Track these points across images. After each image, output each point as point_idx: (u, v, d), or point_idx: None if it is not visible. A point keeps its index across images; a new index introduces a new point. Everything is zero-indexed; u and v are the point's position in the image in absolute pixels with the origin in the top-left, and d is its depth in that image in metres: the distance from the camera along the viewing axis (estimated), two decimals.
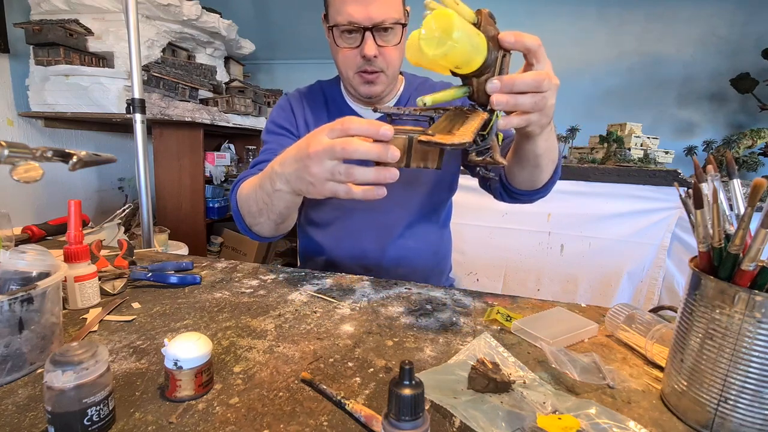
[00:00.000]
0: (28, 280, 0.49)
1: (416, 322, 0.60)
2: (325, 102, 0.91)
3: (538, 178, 0.71)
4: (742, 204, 0.40)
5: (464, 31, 0.42)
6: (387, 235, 0.89)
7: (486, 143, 0.53)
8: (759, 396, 0.35)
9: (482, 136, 0.52)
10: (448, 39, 0.42)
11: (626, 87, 2.63)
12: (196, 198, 2.23)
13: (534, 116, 0.50)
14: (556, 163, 0.71)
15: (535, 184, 0.73)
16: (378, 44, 0.75)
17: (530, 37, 0.48)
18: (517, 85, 0.47)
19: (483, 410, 0.39)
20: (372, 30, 0.73)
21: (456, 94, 0.52)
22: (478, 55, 0.46)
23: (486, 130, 0.52)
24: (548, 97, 0.49)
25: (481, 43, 0.46)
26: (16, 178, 0.41)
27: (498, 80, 0.46)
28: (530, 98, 0.47)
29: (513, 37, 0.47)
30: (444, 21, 0.42)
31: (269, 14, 2.89)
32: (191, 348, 0.39)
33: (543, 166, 0.68)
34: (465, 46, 0.43)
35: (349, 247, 0.90)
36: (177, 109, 2.04)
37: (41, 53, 1.86)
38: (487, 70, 0.48)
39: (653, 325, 0.52)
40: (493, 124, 0.52)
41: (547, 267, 1.83)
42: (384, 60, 0.77)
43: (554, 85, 0.49)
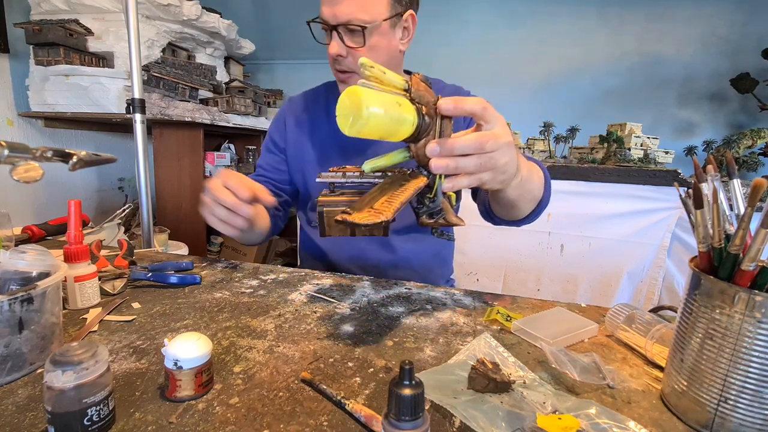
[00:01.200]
0: (28, 280, 0.49)
1: (416, 322, 0.60)
2: (327, 105, 0.91)
3: (517, 215, 0.70)
4: (742, 204, 0.40)
5: (378, 106, 0.41)
6: (386, 238, 0.89)
7: (436, 205, 0.51)
8: (759, 396, 0.35)
9: (431, 199, 0.51)
10: (359, 117, 0.41)
11: (626, 87, 2.63)
12: (196, 198, 2.23)
13: (485, 176, 0.48)
14: (538, 200, 0.69)
15: (514, 218, 0.72)
16: (348, 45, 0.74)
17: (472, 101, 0.46)
18: (457, 148, 0.45)
19: (483, 410, 0.39)
20: (337, 29, 0.73)
21: (396, 159, 0.51)
22: (402, 126, 0.45)
23: (432, 193, 0.51)
24: (497, 157, 0.46)
25: (404, 112, 0.44)
26: (16, 178, 0.41)
27: (437, 144, 0.44)
28: (474, 160, 0.46)
29: (452, 103, 0.45)
30: (354, 99, 0.41)
31: (269, 14, 2.89)
32: (191, 348, 0.39)
33: (520, 207, 0.66)
34: (380, 120, 0.42)
35: (348, 248, 0.90)
36: (177, 109, 2.04)
37: (41, 53, 1.86)
38: (425, 134, 0.47)
39: (653, 325, 0.52)
40: (437, 188, 0.50)
41: (547, 267, 1.83)
42: (354, 61, 0.76)
43: (503, 143, 0.46)
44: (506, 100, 2.74)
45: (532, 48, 2.73)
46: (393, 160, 0.51)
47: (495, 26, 2.77)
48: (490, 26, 2.78)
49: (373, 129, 0.42)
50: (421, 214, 0.53)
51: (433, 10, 2.79)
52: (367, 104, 0.40)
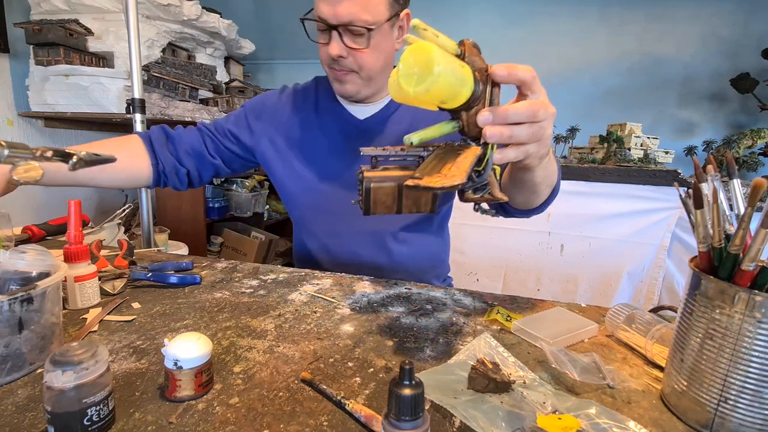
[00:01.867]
0: (28, 280, 0.49)
1: (416, 322, 0.60)
2: (316, 101, 0.89)
3: (534, 201, 0.69)
4: (742, 204, 0.40)
5: (446, 65, 0.40)
6: (380, 240, 0.88)
7: (482, 179, 0.49)
8: (759, 396, 0.35)
9: (478, 173, 0.49)
10: (429, 74, 0.39)
11: (626, 87, 2.63)
12: (196, 198, 2.23)
13: (532, 147, 0.47)
14: (554, 185, 0.69)
15: (531, 205, 0.71)
16: (348, 45, 0.72)
17: (524, 68, 0.45)
18: (511, 116, 0.44)
19: (483, 410, 0.39)
20: (338, 29, 0.71)
21: (444, 129, 0.49)
22: (463, 88, 0.43)
23: (481, 165, 0.48)
24: (545, 127, 0.46)
25: (465, 75, 0.43)
26: (16, 178, 0.41)
27: (490, 112, 0.44)
28: (527, 129, 0.45)
29: (505, 70, 0.44)
30: (423, 55, 0.39)
31: (269, 14, 2.89)
32: (191, 348, 0.39)
33: (540, 192, 0.66)
34: (448, 79, 0.40)
35: (340, 251, 0.89)
36: (177, 109, 2.04)
37: (41, 53, 1.86)
38: (476, 102, 0.45)
39: (653, 325, 0.52)
40: (489, 159, 0.48)
41: (547, 267, 1.83)
42: (356, 61, 0.74)
43: (551, 114, 0.46)
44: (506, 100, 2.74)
45: (532, 48, 2.73)
46: (442, 130, 0.48)
47: (495, 26, 2.77)
48: (490, 26, 2.78)
49: (440, 89, 0.40)
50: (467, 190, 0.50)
51: (433, 10, 2.79)
52: (438, 61, 0.38)
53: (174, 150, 0.86)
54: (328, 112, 0.88)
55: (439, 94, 0.41)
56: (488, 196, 0.50)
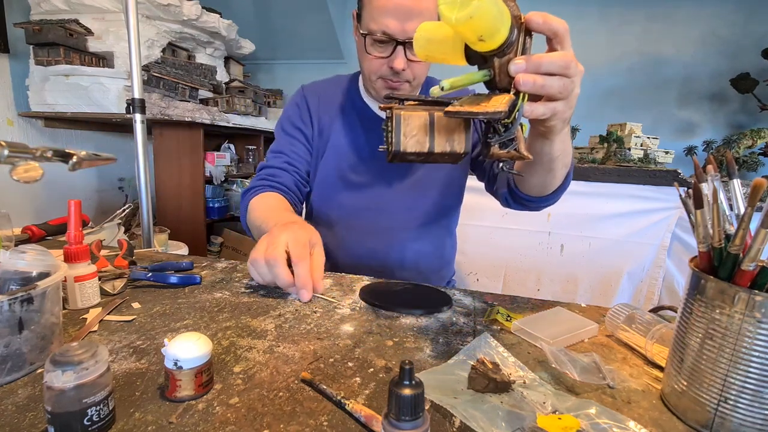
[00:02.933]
0: (28, 280, 0.49)
1: (416, 322, 0.60)
2: (342, 99, 0.91)
3: (550, 183, 0.69)
4: (742, 204, 0.40)
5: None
6: (393, 237, 0.89)
7: (510, 133, 0.47)
8: (759, 396, 0.35)
9: (505, 126, 0.47)
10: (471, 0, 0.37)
11: (626, 87, 2.63)
12: (196, 198, 2.24)
13: (560, 105, 0.46)
14: (568, 168, 0.69)
15: (545, 189, 0.71)
16: (408, 58, 0.75)
17: (558, 20, 0.45)
18: (544, 65, 0.43)
19: (483, 410, 0.39)
20: (404, 44, 0.73)
21: (475, 77, 0.47)
22: (503, 26, 0.41)
23: (510, 118, 0.46)
24: (575, 83, 0.46)
25: (505, 11, 0.41)
26: (16, 178, 0.41)
27: (523, 59, 0.43)
28: (558, 81, 0.44)
29: (541, 18, 0.44)
30: None
31: (269, 14, 2.89)
32: (191, 348, 0.39)
33: (556, 171, 0.65)
34: (490, 9, 0.38)
35: (354, 246, 0.90)
36: (177, 109, 2.04)
37: (41, 53, 1.86)
38: (509, 49, 0.44)
39: (653, 325, 0.52)
40: (519, 110, 0.45)
41: (547, 267, 1.83)
42: (411, 72, 0.77)
43: (580, 71, 0.46)
44: None
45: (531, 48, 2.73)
46: (473, 78, 0.47)
47: None
48: None
49: (483, 16, 0.39)
50: (492, 144, 0.48)
51: None
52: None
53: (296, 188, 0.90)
54: (353, 110, 0.89)
55: (481, 24, 0.40)
56: (515, 152, 0.48)
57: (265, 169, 0.89)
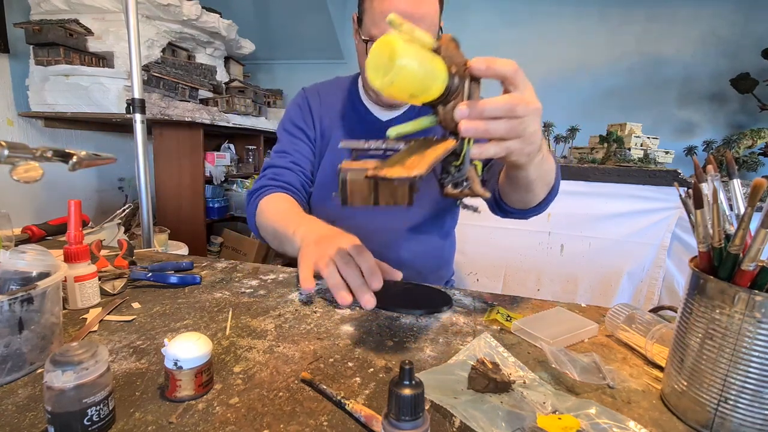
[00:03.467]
0: (28, 280, 0.49)
1: (416, 322, 0.60)
2: (343, 101, 0.91)
3: (531, 200, 0.69)
4: (742, 204, 0.40)
5: (412, 57, 0.40)
6: (390, 238, 0.89)
7: (462, 174, 0.49)
8: (759, 396, 0.35)
9: (457, 167, 0.48)
10: (392, 66, 0.39)
11: (626, 87, 2.63)
12: (196, 198, 2.24)
13: (514, 144, 0.46)
14: (551, 184, 0.68)
15: (527, 204, 0.71)
16: None
17: (504, 62, 0.44)
18: (487, 110, 0.43)
19: (483, 410, 0.39)
20: None
21: (423, 123, 0.48)
22: (434, 82, 0.43)
23: (459, 160, 0.48)
24: (527, 123, 0.45)
25: (437, 68, 0.43)
26: (16, 178, 0.41)
27: (466, 106, 0.43)
28: (504, 124, 0.44)
29: (484, 64, 0.44)
30: (387, 48, 0.40)
31: (269, 14, 2.89)
32: (191, 348, 0.39)
33: (536, 190, 0.65)
34: (413, 72, 0.40)
35: None
36: (177, 109, 2.04)
37: (41, 53, 1.86)
38: (453, 96, 0.45)
39: (653, 325, 0.52)
40: (465, 153, 0.47)
41: (547, 267, 1.83)
42: None
43: (533, 109, 0.45)
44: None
45: (532, 48, 2.73)
46: (419, 125, 0.48)
47: (495, 26, 2.77)
48: (490, 26, 2.78)
49: (406, 82, 0.40)
50: (446, 184, 0.50)
51: None
52: (402, 54, 0.38)
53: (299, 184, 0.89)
54: (354, 113, 0.90)
55: (406, 87, 0.41)
56: (468, 191, 0.49)
57: (270, 169, 0.88)
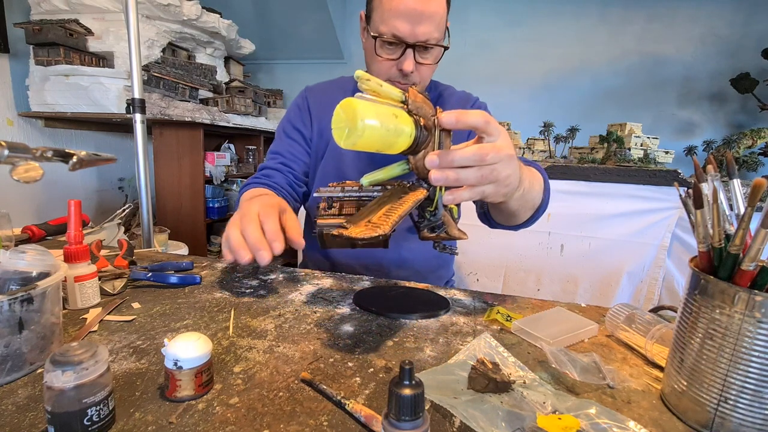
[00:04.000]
0: (28, 280, 0.49)
1: (416, 322, 0.60)
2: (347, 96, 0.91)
3: (516, 221, 0.71)
4: (742, 204, 0.40)
5: (373, 117, 0.41)
6: (393, 236, 0.89)
7: (437, 219, 0.50)
8: (759, 396, 0.35)
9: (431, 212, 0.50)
10: (354, 128, 0.40)
11: (626, 87, 2.63)
12: (196, 198, 2.23)
13: (488, 188, 0.47)
14: (537, 206, 0.69)
15: (514, 223, 0.73)
16: (419, 61, 0.75)
17: (475, 114, 0.45)
18: (456, 160, 0.44)
19: (483, 410, 0.39)
20: (414, 47, 0.74)
21: (395, 171, 0.50)
22: (398, 138, 0.44)
23: (433, 206, 0.49)
24: (499, 170, 0.46)
25: (401, 124, 0.44)
26: (16, 178, 0.41)
27: (436, 156, 0.44)
28: (475, 172, 0.45)
29: (454, 117, 0.44)
30: (349, 111, 0.41)
31: (269, 14, 2.89)
32: (191, 348, 0.39)
33: (521, 216, 0.67)
34: (376, 132, 0.41)
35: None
36: (177, 109, 2.04)
37: (41, 53, 1.86)
38: (423, 146, 0.46)
39: (653, 325, 0.52)
40: (438, 201, 0.49)
41: (547, 267, 1.83)
42: (419, 75, 0.78)
43: (505, 155, 0.46)
44: (506, 100, 2.75)
45: (532, 48, 2.73)
46: (392, 172, 0.50)
47: (495, 26, 2.77)
48: (491, 26, 2.78)
49: (369, 141, 0.41)
50: (422, 228, 0.52)
51: None
52: (363, 116, 0.40)
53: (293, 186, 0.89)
54: None
55: (370, 145, 0.42)
56: (444, 234, 0.51)
57: (262, 170, 0.90)
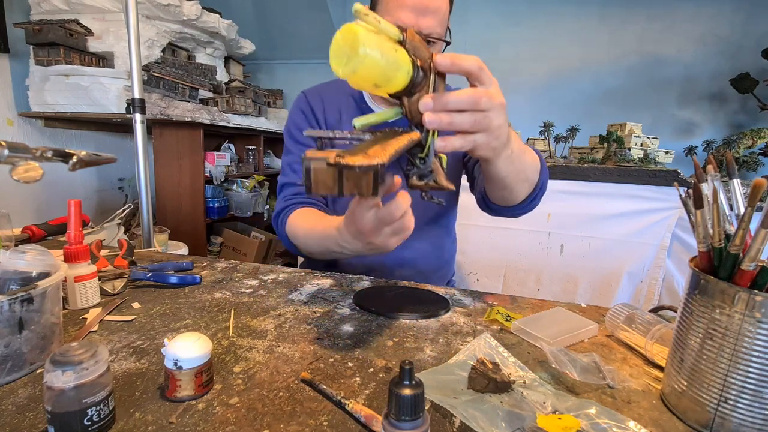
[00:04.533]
0: (28, 280, 0.49)
1: (416, 322, 0.60)
2: (346, 102, 0.90)
3: (511, 197, 0.68)
4: (742, 204, 0.40)
5: (374, 47, 0.40)
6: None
7: (427, 166, 0.49)
8: (759, 396, 0.35)
9: (422, 159, 0.49)
10: (355, 55, 0.39)
11: (626, 87, 2.63)
12: (196, 198, 2.23)
13: (479, 137, 0.46)
14: (534, 184, 0.68)
15: (510, 202, 0.71)
16: None
17: (469, 58, 0.45)
18: (451, 103, 0.43)
19: (483, 410, 0.39)
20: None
21: (388, 115, 0.49)
22: (398, 72, 0.43)
23: (424, 152, 0.48)
24: (492, 117, 0.45)
25: (401, 59, 0.43)
26: (16, 178, 0.41)
27: (431, 98, 0.43)
28: (468, 117, 0.44)
29: (449, 60, 0.44)
30: (350, 36, 0.40)
31: (269, 14, 2.89)
32: (191, 348, 0.39)
33: (513, 188, 0.65)
34: (376, 61, 0.40)
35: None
36: (177, 109, 2.04)
37: (41, 53, 1.86)
38: (418, 88, 0.46)
39: (653, 325, 0.52)
40: (430, 145, 0.48)
41: (547, 267, 1.83)
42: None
43: (498, 104, 0.45)
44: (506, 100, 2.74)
45: (532, 48, 2.73)
46: (385, 116, 0.49)
47: (495, 26, 2.77)
48: (491, 26, 2.78)
49: (368, 70, 0.40)
50: (411, 176, 0.50)
51: None
52: (364, 43, 0.39)
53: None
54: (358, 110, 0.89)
55: (369, 76, 0.41)
56: (433, 183, 0.49)
57: (287, 188, 0.87)
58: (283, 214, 0.81)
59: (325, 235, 0.67)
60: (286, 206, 0.82)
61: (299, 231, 0.75)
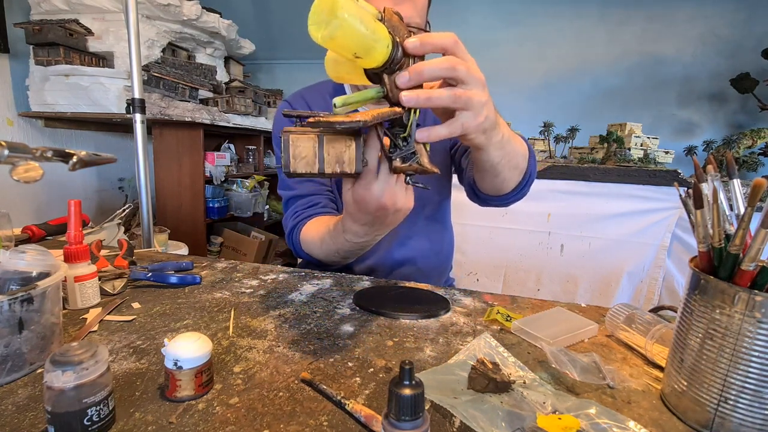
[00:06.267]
0: (28, 280, 0.49)
1: (416, 322, 0.60)
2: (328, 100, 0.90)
3: (501, 186, 0.68)
4: (742, 204, 0.40)
5: (353, 14, 0.39)
6: (392, 234, 0.88)
7: (410, 147, 0.48)
8: (759, 396, 0.35)
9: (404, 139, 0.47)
10: (334, 18, 0.38)
11: (626, 87, 2.63)
12: (196, 198, 2.24)
13: (465, 118, 0.45)
14: (523, 171, 0.67)
15: (500, 191, 0.70)
16: None
17: (441, 35, 0.43)
18: (426, 71, 0.42)
19: (483, 410, 0.39)
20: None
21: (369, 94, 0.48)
22: (377, 44, 0.42)
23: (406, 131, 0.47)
24: (471, 92, 0.44)
25: (379, 30, 0.42)
26: (16, 178, 0.41)
27: (406, 72, 0.42)
28: (447, 91, 0.43)
29: (418, 41, 0.43)
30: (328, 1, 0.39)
31: (269, 14, 2.89)
32: (191, 348, 0.39)
33: (503, 175, 0.64)
34: (355, 28, 0.39)
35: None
36: (177, 109, 2.04)
37: (41, 53, 1.86)
38: (398, 65, 0.44)
39: (653, 325, 0.52)
40: (412, 124, 0.46)
41: (547, 267, 1.83)
42: None
43: (476, 77, 0.44)
44: (506, 100, 2.75)
45: (531, 48, 2.73)
46: (366, 95, 0.48)
47: (495, 26, 2.77)
48: (490, 26, 2.78)
49: (347, 37, 0.39)
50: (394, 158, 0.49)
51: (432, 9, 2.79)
52: (344, 8, 0.38)
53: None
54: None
55: (348, 44, 0.40)
56: (416, 165, 0.48)
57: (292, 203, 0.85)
58: (295, 233, 0.80)
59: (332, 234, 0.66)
60: (296, 224, 0.81)
61: (313, 245, 0.75)
